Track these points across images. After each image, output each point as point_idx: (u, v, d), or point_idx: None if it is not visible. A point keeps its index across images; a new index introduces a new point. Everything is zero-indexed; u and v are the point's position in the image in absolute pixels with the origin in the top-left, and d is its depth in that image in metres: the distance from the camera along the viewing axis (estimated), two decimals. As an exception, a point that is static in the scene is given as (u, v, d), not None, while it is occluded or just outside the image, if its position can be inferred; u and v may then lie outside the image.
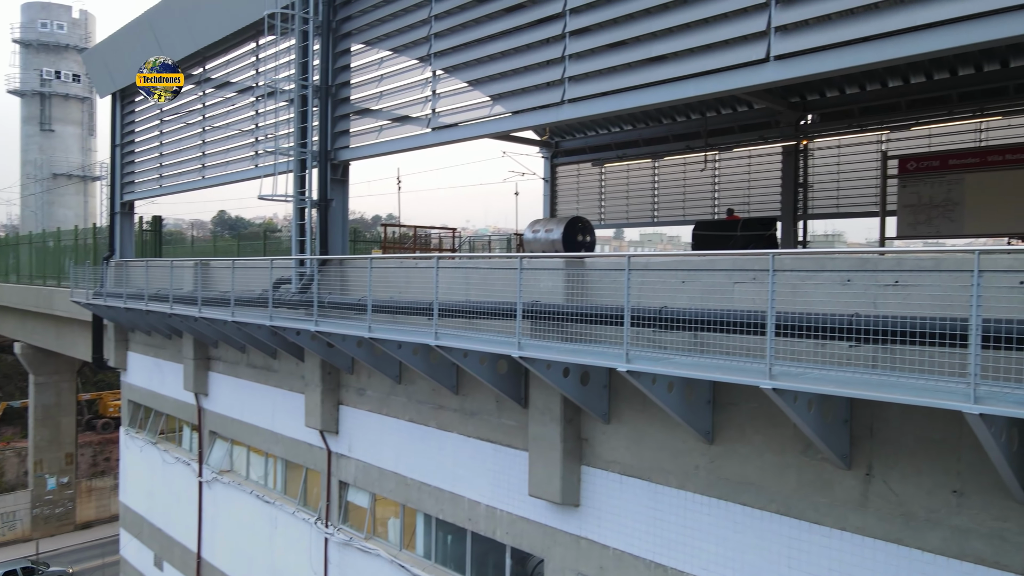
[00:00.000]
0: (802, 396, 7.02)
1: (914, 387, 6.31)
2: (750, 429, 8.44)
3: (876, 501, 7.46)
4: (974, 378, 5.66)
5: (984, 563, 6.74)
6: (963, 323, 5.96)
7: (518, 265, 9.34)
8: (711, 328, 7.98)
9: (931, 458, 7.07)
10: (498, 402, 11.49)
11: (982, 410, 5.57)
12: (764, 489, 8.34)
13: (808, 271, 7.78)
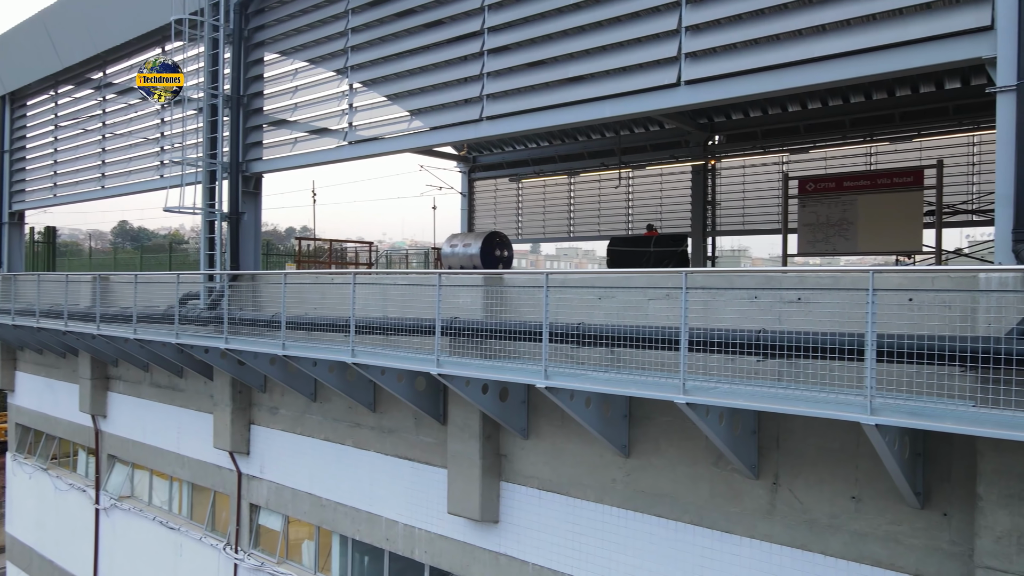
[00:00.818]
0: (714, 410, 7.26)
1: (816, 400, 6.64)
2: (665, 442, 8.66)
3: (782, 509, 7.79)
4: (870, 391, 6.01)
5: (880, 565, 7.13)
6: (860, 338, 6.32)
7: (437, 282, 9.30)
8: (627, 344, 8.17)
9: (832, 467, 7.45)
10: (416, 419, 11.37)
11: (877, 421, 5.91)
12: (678, 500, 8.57)
13: (718, 288, 8.08)
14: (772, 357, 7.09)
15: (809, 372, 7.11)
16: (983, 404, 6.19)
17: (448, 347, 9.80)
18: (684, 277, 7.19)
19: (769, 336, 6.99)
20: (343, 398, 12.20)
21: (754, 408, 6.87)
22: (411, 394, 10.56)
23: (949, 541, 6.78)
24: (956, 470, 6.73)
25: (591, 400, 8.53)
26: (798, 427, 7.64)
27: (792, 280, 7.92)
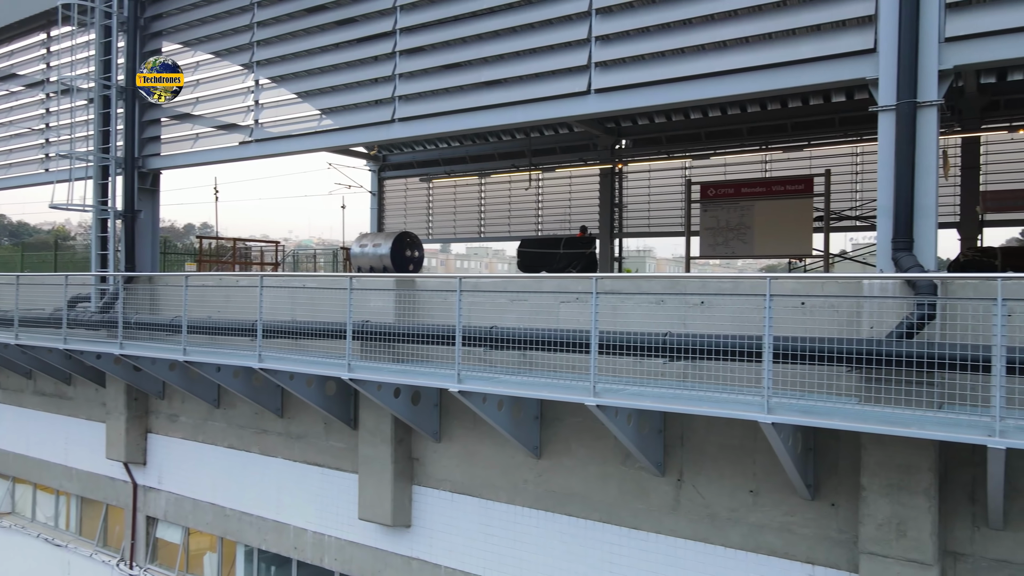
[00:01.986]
0: (622, 411, 7.49)
1: (717, 399, 6.97)
2: (575, 443, 8.86)
3: (686, 504, 8.12)
4: (767, 391, 6.36)
5: (776, 554, 7.56)
6: (758, 340, 6.68)
7: (348, 285, 9.16)
8: (539, 347, 8.30)
9: (732, 462, 7.83)
10: (326, 424, 11.15)
11: (774, 419, 6.26)
12: (588, 499, 8.78)
13: (627, 293, 8.33)
14: (677, 359, 7.38)
15: (711, 373, 7.45)
16: (867, 401, 6.67)
17: (359, 351, 9.66)
18: (594, 282, 7.37)
19: (674, 338, 7.28)
20: (249, 404, 11.81)
21: (660, 409, 7.13)
22: (321, 399, 10.35)
23: (837, 529, 7.26)
24: (843, 463, 7.21)
25: (503, 403, 8.61)
26: (701, 426, 7.98)
27: (696, 285, 8.26)
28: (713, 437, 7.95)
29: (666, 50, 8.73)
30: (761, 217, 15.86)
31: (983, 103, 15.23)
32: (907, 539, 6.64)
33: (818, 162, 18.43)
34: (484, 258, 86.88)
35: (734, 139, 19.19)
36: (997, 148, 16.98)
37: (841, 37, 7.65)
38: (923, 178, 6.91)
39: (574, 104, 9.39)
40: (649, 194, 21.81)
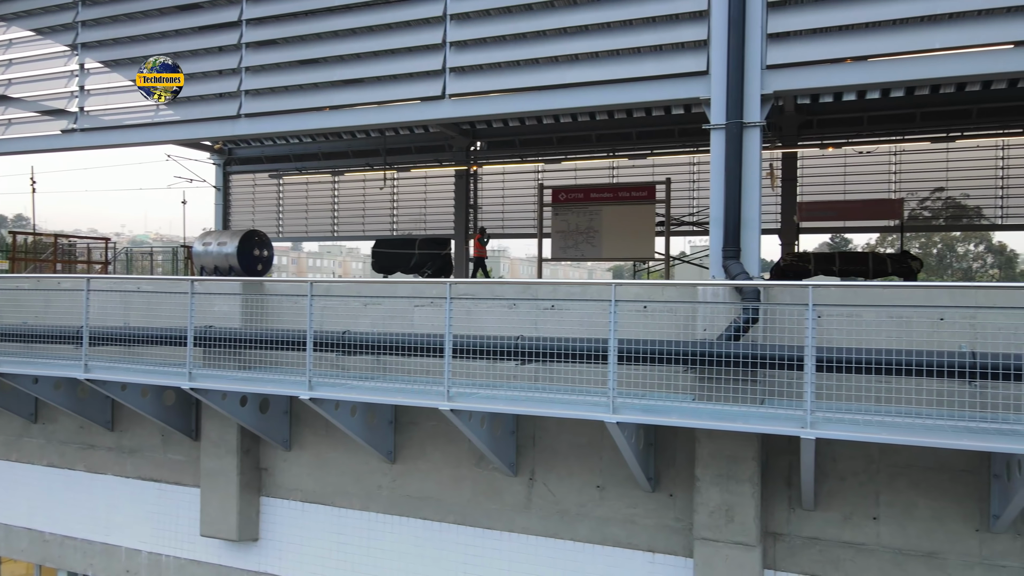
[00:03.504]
0: (476, 414, 7.60)
1: (567, 401, 7.25)
2: (430, 446, 8.88)
3: (538, 502, 8.38)
4: (612, 391, 6.70)
5: (620, 545, 7.98)
6: (604, 343, 7.01)
7: (190, 289, 8.63)
8: (393, 351, 8.24)
9: (581, 460, 8.17)
10: (164, 436, 10.44)
11: (618, 419, 6.61)
12: (443, 502, 8.83)
13: (481, 298, 8.46)
14: (529, 361, 7.61)
15: (562, 375, 7.73)
16: (701, 399, 7.20)
17: (202, 358, 9.14)
18: (448, 287, 7.43)
19: (527, 342, 7.49)
20: (73, 417, 10.83)
21: (512, 412, 7.31)
22: (158, 410, 9.68)
23: (674, 518, 7.78)
24: (680, 456, 7.74)
25: (357, 409, 8.47)
26: (552, 426, 8.26)
27: (547, 290, 8.54)
28: (564, 436, 8.26)
29: (521, 59, 8.95)
30: (608, 221, 16.66)
31: (800, 122, 16.84)
32: (735, 523, 7.24)
33: (660, 170, 19.60)
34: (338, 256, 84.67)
35: (584, 145, 19.99)
36: (812, 163, 18.85)
37: (679, 58, 8.20)
38: (748, 192, 7.56)
39: (429, 108, 9.40)
40: (503, 196, 22.24)
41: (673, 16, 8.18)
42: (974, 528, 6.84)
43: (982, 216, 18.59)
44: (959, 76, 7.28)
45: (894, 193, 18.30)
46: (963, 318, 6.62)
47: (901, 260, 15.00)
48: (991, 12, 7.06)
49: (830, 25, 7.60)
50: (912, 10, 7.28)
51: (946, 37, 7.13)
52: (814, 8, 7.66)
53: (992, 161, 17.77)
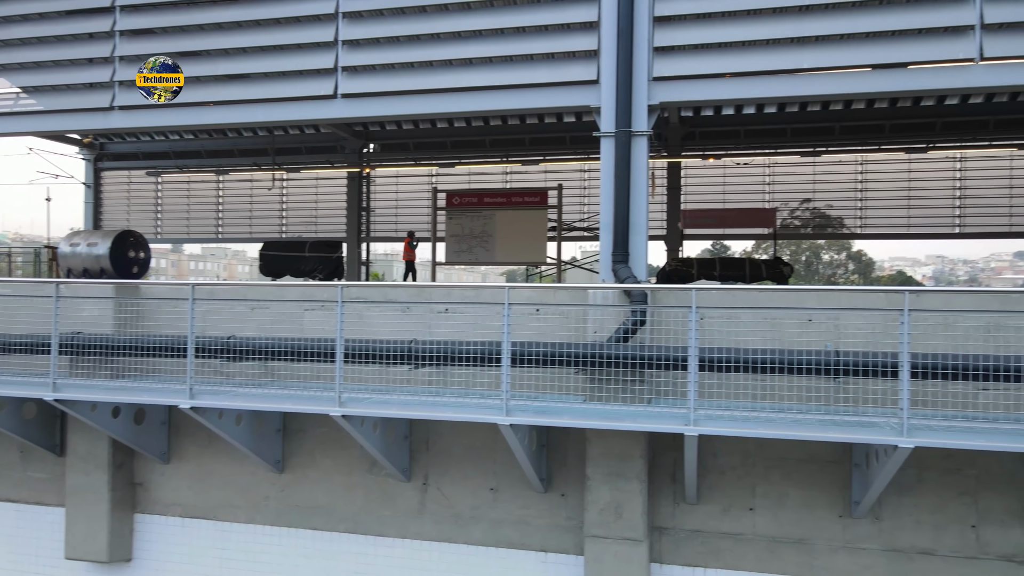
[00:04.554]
0: (368, 419, 7.47)
1: (461, 404, 7.25)
2: (320, 454, 8.64)
3: (431, 507, 8.32)
4: (506, 394, 6.76)
5: (513, 546, 8.05)
6: (499, 346, 7.06)
7: (54, 292, 8.01)
8: (282, 357, 7.97)
9: (475, 463, 8.18)
10: (23, 453, 9.62)
11: (511, 421, 6.68)
12: (334, 511, 8.61)
13: (373, 301, 8.32)
14: (423, 365, 7.55)
15: (456, 378, 7.72)
16: (592, 399, 7.39)
17: (68, 367, 8.50)
18: (340, 291, 7.27)
19: (420, 345, 7.43)
20: (-85, 435, 9.79)
21: (405, 416, 7.24)
22: (16, 424, 8.91)
23: (566, 517, 7.93)
24: (571, 456, 7.90)
25: (243, 417, 8.13)
26: (446, 430, 8.23)
27: (441, 293, 8.51)
28: (458, 440, 8.25)
29: (415, 61, 8.89)
30: (502, 226, 16.80)
31: (683, 133, 17.63)
32: (623, 520, 7.47)
33: (552, 176, 19.97)
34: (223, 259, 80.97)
35: (478, 150, 20.07)
36: (694, 172, 19.76)
37: (571, 67, 8.40)
38: (636, 199, 7.84)
39: (320, 108, 9.18)
40: (397, 199, 21.99)
41: (565, 26, 8.38)
42: (838, 514, 7.37)
43: (844, 226, 20.10)
44: (823, 95, 7.86)
45: (768, 203, 19.47)
46: (828, 319, 7.13)
47: (774, 265, 15.99)
48: (852, 37, 7.67)
49: (711, 42, 8.02)
50: (783, 31, 7.79)
51: (813, 58, 7.68)
52: (696, 25, 8.05)
53: (852, 175, 19.25)
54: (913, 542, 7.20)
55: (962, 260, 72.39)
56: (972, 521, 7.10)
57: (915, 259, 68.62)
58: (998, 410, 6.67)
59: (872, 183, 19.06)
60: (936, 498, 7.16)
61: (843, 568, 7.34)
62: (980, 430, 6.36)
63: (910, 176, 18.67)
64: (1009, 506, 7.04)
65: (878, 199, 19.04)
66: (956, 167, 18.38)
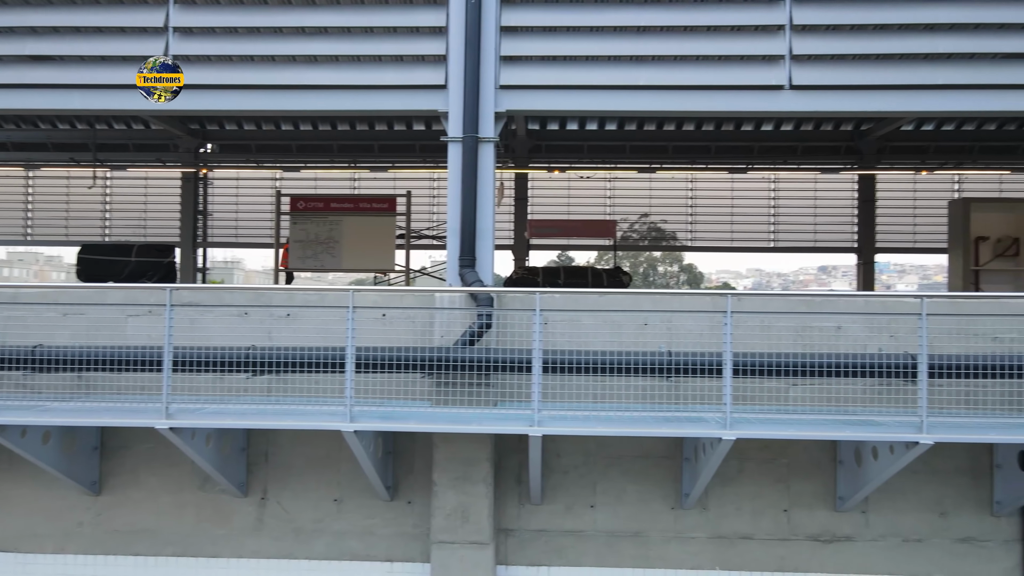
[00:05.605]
0: (200, 431, 6.98)
1: (303, 412, 6.96)
2: (144, 472, 7.96)
3: (271, 522, 7.91)
4: (349, 400, 6.56)
5: (358, 558, 7.82)
6: (343, 351, 6.84)
7: None
8: (101, 367, 7.27)
9: (318, 473, 7.88)
10: None
11: (356, 427, 6.50)
12: (160, 534, 7.95)
13: (207, 305, 7.81)
14: (262, 373, 7.18)
15: (298, 385, 7.41)
16: (438, 404, 7.35)
17: None
18: (169, 293, 6.76)
19: (259, 352, 7.06)
20: None
21: (241, 426, 6.85)
22: None
23: (412, 525, 7.82)
24: (419, 463, 7.82)
25: (51, 434, 7.32)
26: (287, 440, 7.87)
27: (283, 297, 8.16)
28: (300, 450, 7.91)
29: (255, 55, 8.49)
30: (349, 232, 16.40)
31: (530, 146, 18.13)
32: (470, 524, 7.49)
33: (401, 184, 19.79)
34: (33, 265, 72.98)
35: (324, 154, 19.50)
36: (540, 184, 20.37)
37: (419, 70, 8.37)
38: (483, 205, 7.94)
39: (147, 98, 8.50)
40: (237, 203, 20.90)
41: (414, 29, 8.35)
42: (670, 507, 7.82)
43: (676, 239, 21.51)
44: (658, 111, 8.39)
45: (609, 215, 20.43)
46: (662, 321, 7.57)
47: (615, 275, 16.77)
48: (685, 58, 8.24)
49: (556, 54, 8.31)
50: (623, 49, 8.23)
51: (650, 76, 8.16)
52: (542, 37, 8.31)
53: (684, 192, 20.66)
54: (735, 528, 7.78)
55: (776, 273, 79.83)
56: (785, 506, 7.79)
57: (737, 272, 74.82)
58: (806, 403, 7.37)
59: (701, 200, 20.54)
60: (754, 486, 7.78)
61: (675, 557, 7.79)
62: (791, 421, 7.00)
63: (733, 195, 20.31)
64: (815, 490, 7.79)
65: (706, 215, 20.54)
66: (771, 187, 20.22)
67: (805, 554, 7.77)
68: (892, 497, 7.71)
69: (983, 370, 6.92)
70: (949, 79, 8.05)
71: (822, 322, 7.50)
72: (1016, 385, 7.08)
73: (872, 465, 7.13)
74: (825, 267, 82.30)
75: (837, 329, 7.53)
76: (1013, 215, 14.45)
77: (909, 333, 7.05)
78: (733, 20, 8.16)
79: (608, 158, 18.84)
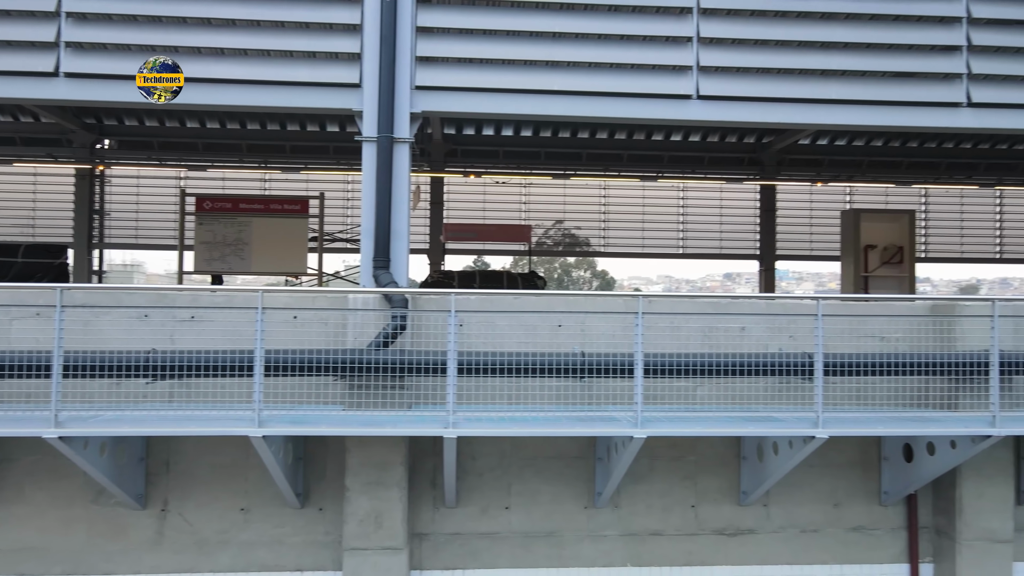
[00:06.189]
0: (94, 440, 6.58)
1: (208, 418, 6.67)
2: (31, 486, 7.43)
3: (171, 535, 7.53)
4: (258, 403, 6.34)
5: (266, 568, 7.55)
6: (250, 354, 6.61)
7: None
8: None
9: (224, 482, 7.56)
10: None
11: (265, 432, 6.28)
12: (48, 552, 7.43)
13: (103, 307, 7.39)
14: (164, 378, 6.84)
15: (204, 390, 7.09)
16: (352, 407, 7.20)
17: None
18: (59, 293, 6.36)
19: (160, 356, 6.74)
20: None
21: (140, 433, 6.51)
22: None
23: (324, 532, 7.62)
24: (330, 468, 7.63)
25: (-77, 448, 6.74)
26: (190, 448, 7.53)
27: (187, 298, 7.81)
28: (204, 459, 7.57)
29: (155, 44, 8.10)
30: (259, 234, 15.89)
31: (446, 150, 18.08)
32: (383, 529, 7.36)
33: (315, 186, 19.34)
34: (-97, 267, 67.08)
35: (233, 154, 18.83)
36: (456, 189, 20.33)
37: (333, 68, 8.21)
38: (397, 205, 7.86)
39: (35, 86, 8.00)
40: (138, 202, 19.88)
41: (328, 25, 8.18)
42: (583, 506, 7.94)
43: (590, 245, 21.92)
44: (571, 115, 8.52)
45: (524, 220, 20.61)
46: (576, 323, 7.68)
47: (530, 279, 16.92)
48: (599, 66, 8.39)
49: (472, 57, 8.32)
50: (539, 54, 8.32)
51: (564, 81, 8.30)
52: (457, 39, 8.31)
53: (597, 199, 21.08)
54: (645, 525, 7.97)
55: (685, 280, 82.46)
56: (692, 502, 8.04)
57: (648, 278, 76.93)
58: (712, 402, 7.64)
59: (613, 207, 21.01)
60: (664, 484, 8.00)
61: (588, 555, 7.91)
62: (698, 419, 7.25)
63: (644, 202, 20.87)
64: (720, 486, 8.09)
65: (618, 222, 21.03)
66: (680, 196, 20.91)
67: (711, 548, 8.05)
68: (791, 490, 8.09)
69: (872, 368, 7.37)
70: (842, 94, 8.56)
71: (728, 323, 7.80)
72: (901, 382, 7.57)
73: (773, 460, 7.46)
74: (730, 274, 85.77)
75: (741, 330, 7.85)
76: (897, 225, 15.47)
77: (806, 334, 7.42)
78: (645, 30, 8.40)
79: (523, 164, 19.01)
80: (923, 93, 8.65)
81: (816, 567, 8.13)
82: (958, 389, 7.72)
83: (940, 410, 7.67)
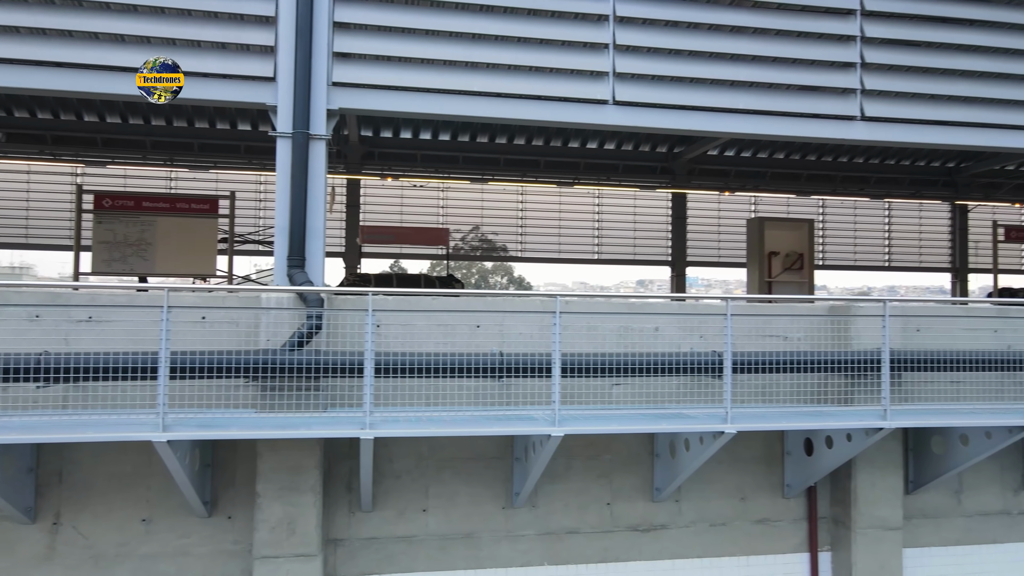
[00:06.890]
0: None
1: (107, 423, 6.31)
2: (-98, 501, 6.82)
3: (64, 550, 7.07)
4: (162, 407, 6.04)
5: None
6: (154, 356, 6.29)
7: None
8: None
9: (123, 492, 7.16)
10: None
11: (169, 437, 5.98)
12: (-78, 571, 6.85)
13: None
14: (57, 382, 6.42)
15: (102, 394, 6.69)
16: (264, 410, 6.97)
17: None
18: (-61, 291, 5.87)
19: (53, 358, 6.32)
20: None
21: (28, 441, 6.09)
22: None
23: (233, 541, 7.33)
24: (240, 474, 7.35)
25: None
26: (86, 456, 7.09)
27: (84, 298, 7.37)
28: (101, 468, 7.15)
29: (48, 28, 7.62)
30: (164, 234, 15.17)
31: (363, 152, 17.80)
32: (296, 536, 7.14)
33: (224, 185, 18.64)
34: None
35: (136, 150, 17.92)
36: (373, 191, 20.05)
37: (245, 60, 7.94)
38: (313, 203, 7.66)
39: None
40: (28, 200, 18.64)
41: (239, 16, 7.90)
42: (501, 507, 7.95)
43: (507, 251, 22.03)
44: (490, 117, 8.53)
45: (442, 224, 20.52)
46: (494, 324, 7.70)
47: (448, 283, 16.85)
48: (518, 68, 8.45)
49: (391, 55, 8.22)
50: (458, 55, 8.30)
51: (484, 82, 8.31)
52: (376, 36, 8.19)
53: (514, 205, 21.23)
54: (562, 523, 8.06)
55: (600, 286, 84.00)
56: (608, 500, 8.19)
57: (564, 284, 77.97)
58: (627, 400, 7.81)
59: (530, 213, 21.21)
60: (581, 482, 8.11)
61: (505, 556, 7.92)
62: (613, 417, 7.39)
63: (560, 208, 21.16)
64: (634, 483, 8.27)
65: (535, 227, 21.24)
66: (595, 203, 21.32)
67: (626, 544, 8.21)
68: (701, 486, 8.36)
69: (776, 366, 7.72)
70: (750, 104, 8.94)
71: (642, 324, 7.99)
72: (802, 378, 7.96)
73: (684, 456, 7.69)
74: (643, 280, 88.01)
75: (655, 331, 8.07)
76: (798, 233, 16.30)
77: (716, 334, 7.70)
78: (563, 35, 8.53)
79: (441, 168, 18.94)
80: (823, 106, 9.14)
81: (725, 559, 8.43)
82: (853, 385, 8.19)
83: (838, 405, 8.11)
